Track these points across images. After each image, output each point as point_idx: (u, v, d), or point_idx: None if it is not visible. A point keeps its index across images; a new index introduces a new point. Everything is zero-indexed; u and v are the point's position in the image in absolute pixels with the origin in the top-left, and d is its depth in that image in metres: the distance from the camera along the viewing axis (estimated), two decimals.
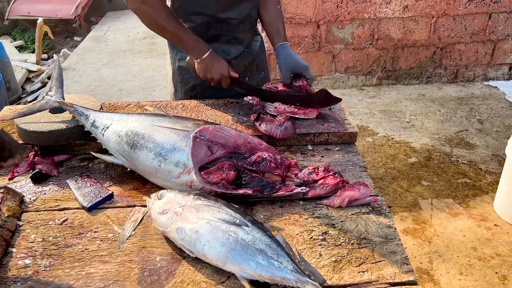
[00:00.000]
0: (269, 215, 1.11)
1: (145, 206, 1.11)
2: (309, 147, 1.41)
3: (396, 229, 1.07)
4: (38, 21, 5.11)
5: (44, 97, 1.40)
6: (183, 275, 0.94)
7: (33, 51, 5.54)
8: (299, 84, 1.57)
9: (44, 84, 4.66)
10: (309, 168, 1.22)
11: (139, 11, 1.46)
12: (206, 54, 1.49)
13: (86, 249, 1.01)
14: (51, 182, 1.23)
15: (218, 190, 1.10)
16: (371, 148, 3.22)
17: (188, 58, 1.57)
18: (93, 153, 1.27)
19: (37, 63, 5.15)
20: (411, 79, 4.22)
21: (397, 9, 3.84)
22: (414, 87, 4.19)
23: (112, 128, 1.24)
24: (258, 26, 1.76)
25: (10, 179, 1.25)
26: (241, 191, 1.11)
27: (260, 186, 1.13)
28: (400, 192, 2.74)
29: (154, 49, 5.20)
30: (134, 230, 1.06)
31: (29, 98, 4.37)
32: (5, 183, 1.23)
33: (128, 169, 1.24)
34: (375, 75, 4.17)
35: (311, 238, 1.03)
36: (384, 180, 2.86)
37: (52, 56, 5.62)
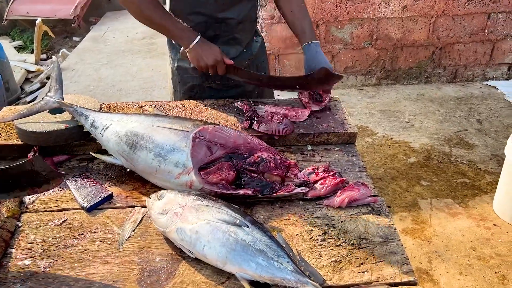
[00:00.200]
0: (269, 215, 1.11)
1: (145, 206, 1.11)
2: (308, 147, 1.41)
3: (396, 229, 1.07)
4: (37, 21, 5.10)
5: (43, 98, 1.39)
6: (183, 275, 0.94)
7: (32, 51, 5.53)
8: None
9: (43, 84, 4.65)
10: (308, 168, 1.22)
11: (126, 2, 1.47)
12: (195, 41, 1.46)
13: (85, 249, 1.01)
14: None
15: (217, 190, 1.10)
16: (370, 148, 3.22)
17: (181, 50, 1.54)
18: (92, 154, 1.27)
19: (36, 63, 5.15)
20: (410, 79, 4.23)
21: (396, 9, 3.84)
22: (413, 87, 4.19)
23: (112, 129, 1.24)
24: (258, 26, 1.75)
25: None
26: (241, 192, 1.11)
27: (259, 187, 1.13)
28: (399, 192, 2.74)
29: (153, 49, 5.19)
30: (133, 231, 1.06)
31: (28, 98, 4.36)
32: None
33: (128, 169, 1.24)
34: (374, 75, 4.18)
35: (311, 238, 1.03)
36: (383, 180, 2.86)
37: (51, 56, 5.62)
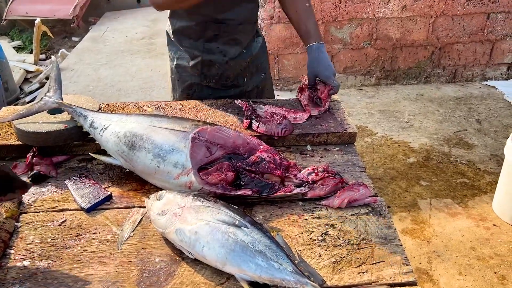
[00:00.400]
0: (269, 216, 1.11)
1: (144, 207, 1.11)
2: (308, 147, 1.41)
3: (395, 229, 1.07)
4: (36, 21, 5.09)
5: (42, 98, 1.39)
6: (182, 276, 0.94)
7: (31, 52, 5.53)
8: (320, 89, 1.55)
9: (42, 85, 4.65)
10: (308, 169, 1.22)
11: None
12: None
13: (84, 250, 1.01)
14: (50, 183, 1.23)
15: (217, 191, 1.10)
16: (369, 148, 3.22)
17: None
18: (91, 154, 1.27)
19: (35, 63, 5.14)
20: (409, 79, 4.23)
21: (395, 9, 3.84)
22: (412, 87, 4.19)
23: (111, 129, 1.23)
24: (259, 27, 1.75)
25: None
26: (240, 192, 1.11)
27: (259, 187, 1.12)
28: (399, 192, 2.74)
29: (152, 49, 5.19)
30: (133, 231, 1.06)
31: (27, 98, 4.36)
32: None
33: (127, 170, 1.23)
34: (373, 75, 4.18)
35: (311, 239, 1.03)
36: (383, 180, 2.86)
37: (50, 56, 5.61)
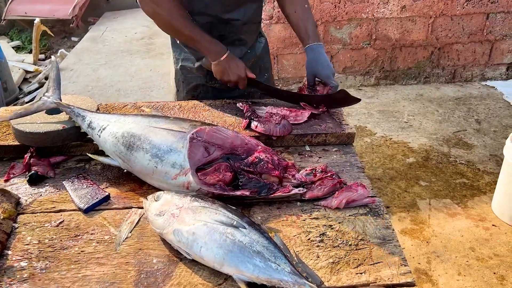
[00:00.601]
0: (267, 216, 1.11)
1: (142, 207, 1.11)
2: (306, 148, 1.41)
3: (394, 230, 1.06)
4: (35, 21, 5.09)
5: (41, 98, 1.39)
6: (180, 277, 0.94)
7: (30, 52, 5.52)
8: (319, 89, 1.57)
9: (41, 85, 4.64)
10: (306, 169, 1.21)
11: (155, 14, 1.47)
12: (224, 57, 1.49)
13: (82, 251, 1.00)
14: (47, 184, 1.23)
15: (215, 191, 1.10)
16: (369, 148, 3.22)
17: (204, 60, 1.57)
18: (89, 155, 1.27)
19: (35, 63, 5.13)
20: (409, 79, 4.23)
21: (395, 9, 3.84)
22: (412, 87, 4.19)
23: (109, 130, 1.23)
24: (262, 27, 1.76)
25: (6, 181, 1.24)
26: (238, 193, 1.11)
27: (257, 187, 1.12)
28: (398, 192, 2.74)
29: (151, 49, 5.18)
30: (130, 232, 1.06)
31: (26, 98, 4.35)
32: (1, 185, 1.22)
33: (125, 170, 1.23)
34: (373, 75, 4.18)
35: (309, 239, 1.03)
36: (382, 180, 2.86)
37: (49, 56, 5.61)
